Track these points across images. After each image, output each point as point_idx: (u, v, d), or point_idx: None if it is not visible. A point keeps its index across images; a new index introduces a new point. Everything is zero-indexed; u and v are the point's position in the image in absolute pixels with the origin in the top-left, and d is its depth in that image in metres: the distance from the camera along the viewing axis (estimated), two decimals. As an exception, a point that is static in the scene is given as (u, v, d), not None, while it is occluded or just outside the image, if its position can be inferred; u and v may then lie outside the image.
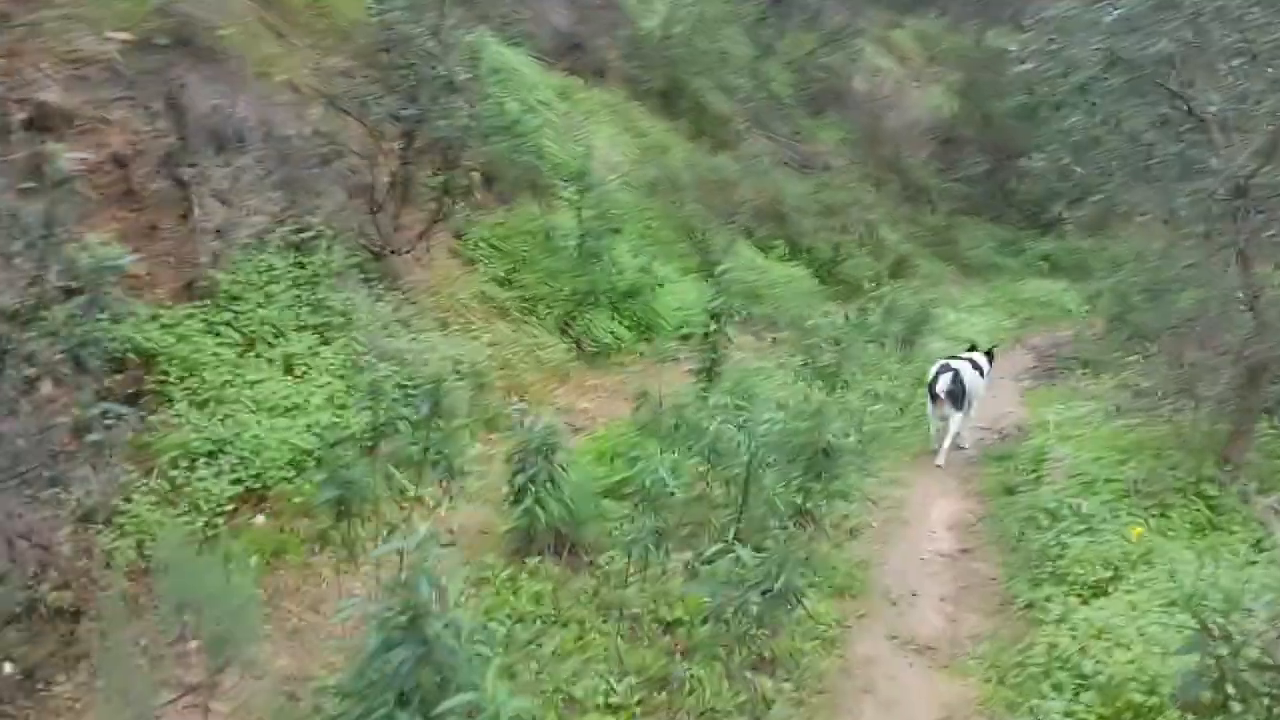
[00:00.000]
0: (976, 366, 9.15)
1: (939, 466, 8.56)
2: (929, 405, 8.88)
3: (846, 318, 11.05)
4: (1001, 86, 19.16)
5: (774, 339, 11.06)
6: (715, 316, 8.22)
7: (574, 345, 9.18)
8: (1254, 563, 5.48)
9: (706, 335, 8.22)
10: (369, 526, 5.16)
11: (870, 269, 15.36)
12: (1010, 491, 7.63)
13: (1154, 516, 6.23)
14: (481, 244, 9.22)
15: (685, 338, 10.16)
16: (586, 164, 11.08)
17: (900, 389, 10.07)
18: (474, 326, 8.18)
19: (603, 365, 9.34)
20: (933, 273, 17.31)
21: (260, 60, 7.97)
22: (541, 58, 12.93)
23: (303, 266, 6.98)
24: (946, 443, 8.65)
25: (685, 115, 15.85)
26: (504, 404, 7.45)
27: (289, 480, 5.52)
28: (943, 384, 8.54)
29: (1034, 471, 7.53)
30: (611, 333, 9.63)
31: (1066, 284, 17.73)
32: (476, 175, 9.87)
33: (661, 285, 10.56)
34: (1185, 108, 5.81)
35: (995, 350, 10.24)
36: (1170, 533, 6.06)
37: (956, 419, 8.68)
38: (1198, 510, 6.22)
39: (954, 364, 8.81)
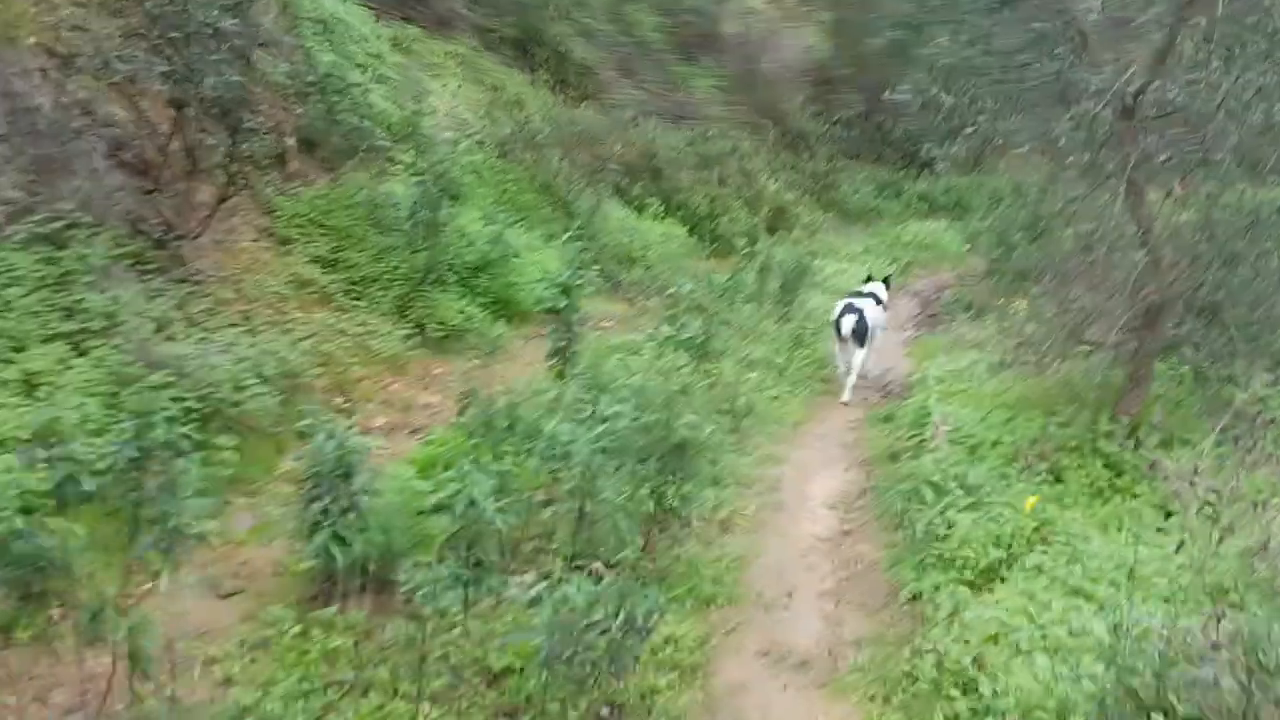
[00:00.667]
0: (878, 300, 9.53)
1: (845, 403, 8.82)
2: (834, 344, 9.16)
3: (709, 280, 10.26)
4: (872, 23, 18.66)
5: (644, 307, 10.20)
6: (566, 290, 7.34)
7: (416, 330, 8.10)
8: (1163, 530, 4.95)
9: (558, 311, 7.35)
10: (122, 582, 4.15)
11: (748, 223, 14.64)
12: (894, 458, 7.00)
13: (1047, 483, 5.66)
14: (298, 220, 8.00)
15: (552, 311, 9.20)
16: (425, 123, 9.98)
17: (779, 352, 9.36)
18: (287, 318, 7.04)
19: (452, 350, 8.28)
20: (813, 222, 16.73)
21: (7, 21, 6.67)
22: (374, 7, 11.62)
23: (54, 263, 5.84)
24: (852, 379, 8.94)
25: (544, 66, 14.73)
26: (324, 408, 6.39)
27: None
28: (846, 326, 8.80)
29: (916, 435, 6.92)
30: (461, 312, 8.53)
31: (947, 224, 17.45)
32: (290, 141, 8.66)
33: (518, 255, 9.53)
34: (1063, 20, 5.11)
35: (889, 280, 10.50)
36: (1067, 500, 5.48)
37: (860, 355, 8.95)
38: (1096, 472, 5.66)
39: (857, 303, 9.04)
